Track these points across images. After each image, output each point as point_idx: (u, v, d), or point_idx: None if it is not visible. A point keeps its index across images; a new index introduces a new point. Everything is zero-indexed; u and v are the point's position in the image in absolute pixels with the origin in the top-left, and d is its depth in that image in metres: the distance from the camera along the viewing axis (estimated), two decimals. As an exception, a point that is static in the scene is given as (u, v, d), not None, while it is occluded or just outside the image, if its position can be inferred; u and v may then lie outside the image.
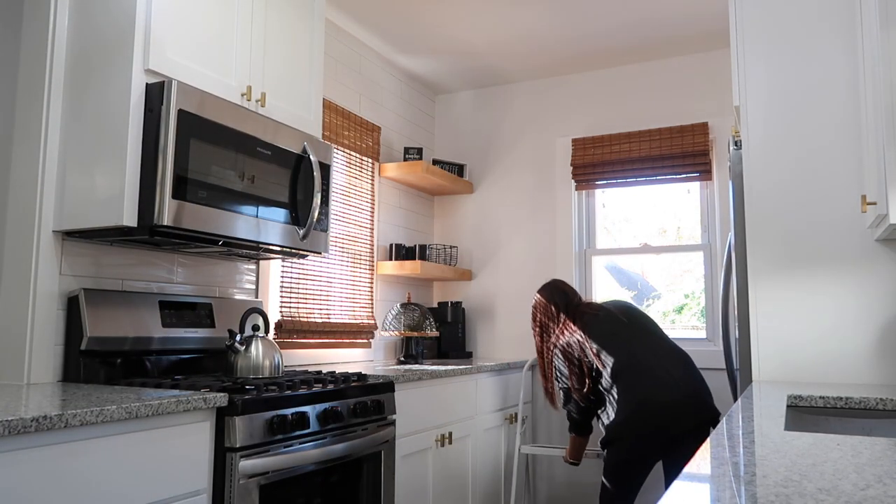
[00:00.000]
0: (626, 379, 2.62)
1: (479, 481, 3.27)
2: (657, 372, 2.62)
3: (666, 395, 2.55)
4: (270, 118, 2.41)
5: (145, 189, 1.99)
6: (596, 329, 2.80)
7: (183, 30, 2.14)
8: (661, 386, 2.57)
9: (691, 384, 2.62)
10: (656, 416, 2.53)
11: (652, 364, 2.64)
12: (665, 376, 2.61)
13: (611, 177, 3.91)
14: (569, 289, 3.10)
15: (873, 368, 2.23)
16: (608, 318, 2.84)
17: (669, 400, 2.54)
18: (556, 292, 3.07)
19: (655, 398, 2.55)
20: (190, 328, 2.40)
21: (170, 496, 1.67)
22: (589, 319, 2.85)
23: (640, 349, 2.70)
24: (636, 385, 2.60)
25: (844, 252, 2.29)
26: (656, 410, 2.54)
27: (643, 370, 2.62)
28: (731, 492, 0.79)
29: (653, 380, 2.59)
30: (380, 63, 3.88)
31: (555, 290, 3.08)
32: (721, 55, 3.76)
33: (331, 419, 2.12)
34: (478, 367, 3.26)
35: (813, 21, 2.40)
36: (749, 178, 2.44)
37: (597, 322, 2.83)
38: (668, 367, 2.64)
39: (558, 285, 3.11)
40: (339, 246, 3.45)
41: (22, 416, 1.33)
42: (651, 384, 2.58)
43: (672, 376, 2.61)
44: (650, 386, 2.58)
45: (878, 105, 1.84)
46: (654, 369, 2.62)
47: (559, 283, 3.13)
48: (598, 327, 2.80)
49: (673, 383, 2.59)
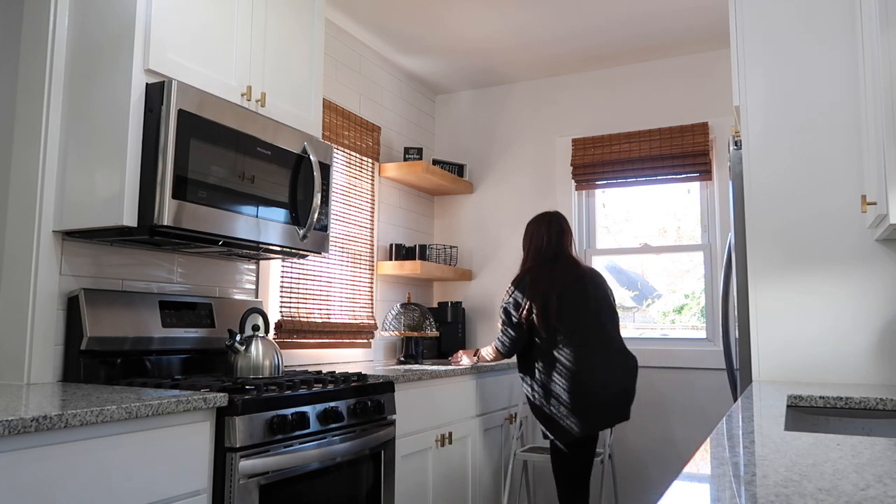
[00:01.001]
0: (572, 366, 2.76)
1: (478, 481, 3.27)
2: (601, 368, 2.77)
3: (602, 393, 2.75)
4: (270, 118, 2.41)
5: (145, 189, 1.99)
6: (566, 304, 2.84)
7: (183, 30, 2.14)
8: (602, 384, 2.75)
9: (625, 391, 2.82)
10: (592, 410, 2.74)
11: (598, 361, 2.78)
12: (607, 375, 2.77)
13: (611, 177, 3.91)
14: (566, 230, 3.03)
15: (873, 368, 2.23)
16: (581, 299, 2.87)
17: (604, 399, 2.75)
18: (555, 234, 3.00)
19: (595, 393, 2.74)
20: (190, 328, 2.40)
21: (170, 496, 1.67)
22: (565, 288, 2.86)
23: (593, 341, 2.81)
24: (580, 374, 2.75)
25: (844, 252, 2.29)
26: (596, 403, 2.74)
27: (589, 364, 2.76)
28: (731, 492, 0.79)
29: (595, 373, 2.76)
30: (380, 63, 3.88)
31: (553, 230, 3.01)
32: (721, 55, 3.76)
33: (331, 419, 2.12)
34: (478, 368, 3.26)
35: (813, 21, 2.40)
36: (749, 178, 2.44)
37: (568, 294, 2.86)
38: (612, 367, 2.80)
39: (559, 227, 3.02)
40: (339, 246, 3.45)
41: (22, 416, 1.33)
42: (592, 378, 2.75)
43: (614, 376, 2.79)
44: (592, 379, 2.75)
45: (878, 105, 1.84)
46: (598, 366, 2.77)
47: (560, 224, 3.04)
48: (568, 300, 2.85)
49: (612, 383, 2.77)
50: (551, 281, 2.87)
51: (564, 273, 2.90)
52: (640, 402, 3.74)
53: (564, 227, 3.03)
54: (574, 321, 2.81)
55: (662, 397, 3.69)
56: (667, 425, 3.67)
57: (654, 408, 3.70)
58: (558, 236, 3.00)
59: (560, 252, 2.98)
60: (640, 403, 3.74)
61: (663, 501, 0.74)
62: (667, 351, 3.70)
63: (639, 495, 3.70)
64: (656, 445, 3.68)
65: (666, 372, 3.70)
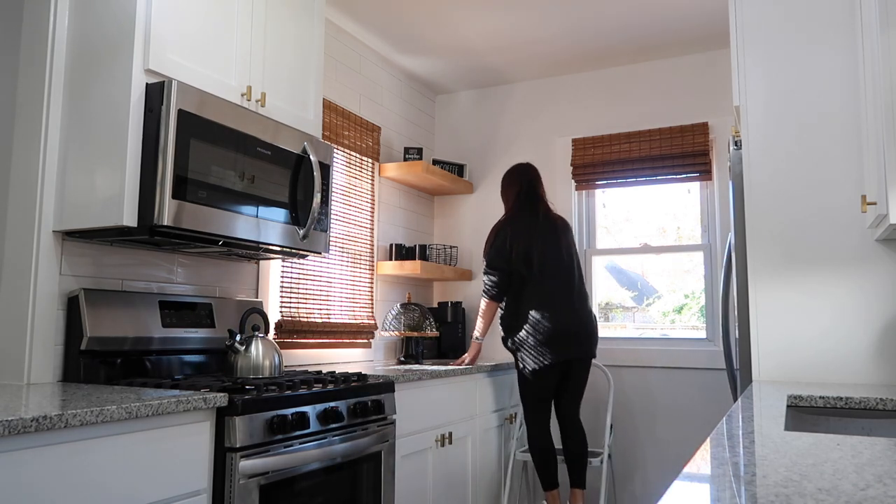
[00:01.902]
0: (541, 305, 3.12)
1: (478, 481, 3.28)
2: (570, 307, 3.14)
3: (574, 327, 3.12)
4: (270, 118, 2.41)
5: (145, 189, 1.99)
6: (541, 252, 3.18)
7: (183, 30, 2.14)
8: (572, 320, 3.13)
9: (587, 332, 3.18)
10: (565, 341, 3.10)
11: (567, 300, 3.15)
12: (573, 313, 3.15)
13: (611, 177, 3.91)
14: (536, 177, 3.37)
15: (873, 368, 2.23)
16: (554, 249, 3.20)
17: (575, 331, 3.12)
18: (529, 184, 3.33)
19: (567, 327, 3.10)
20: (190, 328, 2.40)
21: (170, 496, 1.67)
22: (541, 238, 3.20)
23: (562, 287, 3.17)
24: (555, 313, 3.11)
25: (844, 252, 2.30)
26: (566, 336, 3.10)
27: (556, 305, 3.13)
28: (731, 492, 0.79)
29: (566, 314, 3.13)
30: (380, 63, 3.88)
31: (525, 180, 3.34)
32: (721, 55, 3.76)
33: (331, 419, 2.12)
34: (478, 367, 3.26)
35: (813, 21, 2.40)
36: (749, 178, 2.44)
37: (544, 243, 3.20)
38: (577, 306, 3.18)
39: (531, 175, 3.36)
40: (339, 246, 3.45)
41: (22, 416, 1.33)
42: (564, 317, 3.11)
43: (580, 315, 3.17)
44: (564, 318, 3.11)
45: (878, 105, 1.84)
46: (567, 305, 3.14)
47: (529, 173, 3.36)
48: (543, 249, 3.19)
49: (579, 320, 3.15)
50: (530, 230, 3.20)
51: (542, 224, 3.23)
52: (640, 402, 3.75)
53: (534, 175, 3.36)
54: (546, 268, 3.16)
55: (662, 397, 3.69)
56: (667, 425, 3.67)
57: (654, 408, 3.70)
58: (532, 186, 3.33)
59: (536, 201, 3.30)
60: (640, 403, 3.75)
61: (663, 501, 0.74)
62: (667, 351, 3.70)
63: (639, 495, 3.70)
64: (656, 445, 3.68)
65: (666, 372, 3.70)
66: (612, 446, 3.74)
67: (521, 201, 3.29)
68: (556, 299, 3.12)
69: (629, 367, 3.78)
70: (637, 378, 3.76)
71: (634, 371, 3.77)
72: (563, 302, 3.13)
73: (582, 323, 3.14)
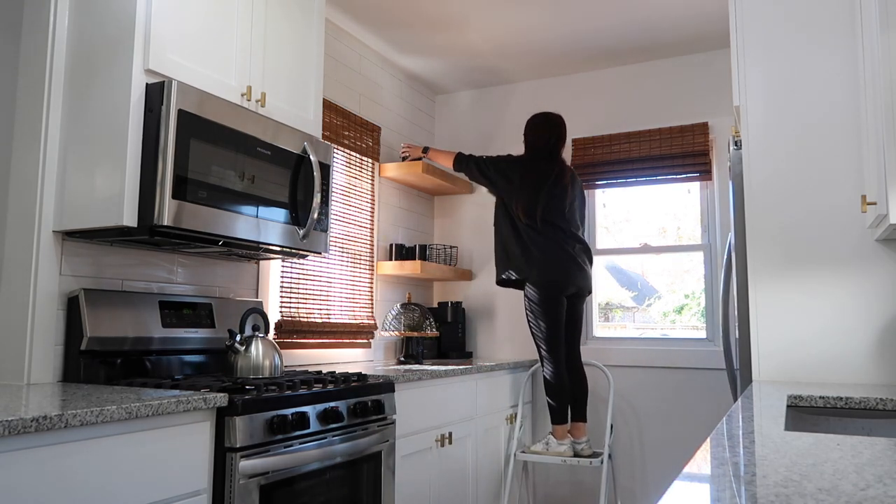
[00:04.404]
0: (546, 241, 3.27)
1: (479, 482, 3.27)
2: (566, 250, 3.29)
3: (575, 267, 3.29)
4: (270, 118, 2.41)
5: (145, 189, 1.99)
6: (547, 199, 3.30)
7: (183, 30, 2.14)
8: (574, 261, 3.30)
9: (583, 272, 3.34)
10: (569, 276, 3.27)
11: (565, 246, 3.29)
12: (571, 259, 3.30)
13: (611, 177, 3.91)
14: (563, 137, 3.45)
15: (873, 368, 2.23)
16: (560, 198, 3.32)
17: (571, 270, 3.28)
18: (554, 137, 3.42)
19: (569, 266, 3.27)
20: (190, 328, 2.40)
21: (170, 496, 1.67)
22: (550, 185, 3.31)
23: (564, 233, 3.32)
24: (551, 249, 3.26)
25: (844, 252, 2.29)
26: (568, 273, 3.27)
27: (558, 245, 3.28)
28: (731, 492, 0.79)
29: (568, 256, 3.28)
30: (380, 63, 3.88)
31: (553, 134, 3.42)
32: (721, 55, 3.76)
33: (331, 419, 2.12)
34: (478, 368, 3.26)
35: (813, 21, 2.40)
36: (749, 178, 2.44)
37: (552, 190, 3.32)
38: (577, 252, 3.34)
39: (559, 132, 3.44)
40: (339, 246, 3.45)
41: (22, 416, 1.33)
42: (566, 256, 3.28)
43: (581, 258, 3.34)
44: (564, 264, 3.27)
45: (878, 105, 1.84)
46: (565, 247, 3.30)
47: (560, 130, 3.44)
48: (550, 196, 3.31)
49: (576, 265, 3.30)
50: (540, 175, 3.31)
51: (554, 173, 3.33)
52: (640, 402, 3.75)
53: (562, 134, 3.43)
54: (552, 215, 3.28)
55: (662, 397, 3.69)
56: (667, 425, 3.67)
57: (654, 408, 3.70)
58: (557, 140, 3.41)
59: (553, 153, 3.40)
60: (640, 403, 3.75)
61: (663, 501, 0.74)
62: (667, 351, 3.70)
63: (639, 495, 3.70)
64: (656, 445, 3.68)
65: (666, 372, 3.70)
66: (612, 446, 3.74)
67: (540, 149, 3.39)
68: (555, 241, 3.27)
69: (629, 367, 3.78)
70: (637, 378, 3.76)
71: (635, 371, 3.77)
72: (560, 244, 3.28)
73: (577, 264, 3.30)
